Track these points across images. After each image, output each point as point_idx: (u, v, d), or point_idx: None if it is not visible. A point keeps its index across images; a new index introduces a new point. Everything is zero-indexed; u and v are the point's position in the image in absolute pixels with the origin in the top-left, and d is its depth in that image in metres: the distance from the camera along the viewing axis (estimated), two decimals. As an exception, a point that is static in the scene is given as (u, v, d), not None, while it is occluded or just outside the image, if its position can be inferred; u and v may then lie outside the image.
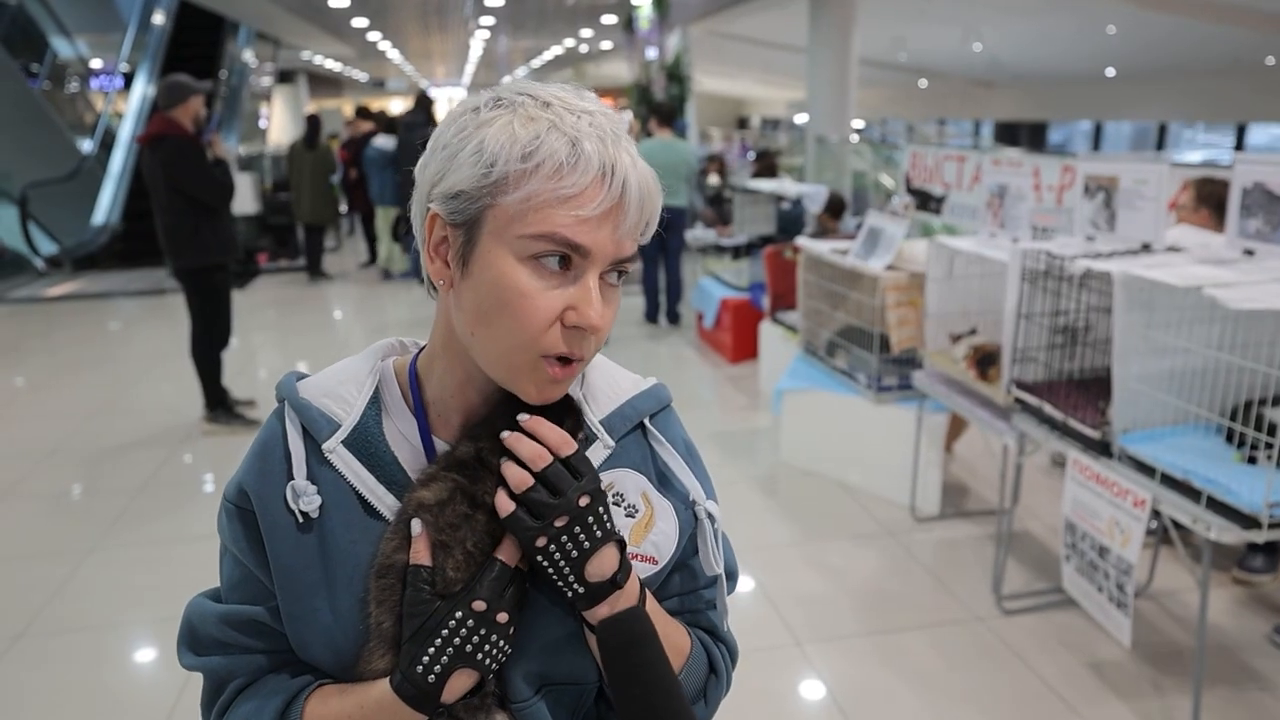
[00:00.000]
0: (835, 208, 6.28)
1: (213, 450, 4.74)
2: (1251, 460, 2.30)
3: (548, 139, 0.75)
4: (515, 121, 0.77)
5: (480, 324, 0.80)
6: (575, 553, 0.80)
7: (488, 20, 14.70)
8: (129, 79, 11.47)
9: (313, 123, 9.67)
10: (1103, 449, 2.57)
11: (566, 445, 0.81)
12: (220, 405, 4.97)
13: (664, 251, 7.16)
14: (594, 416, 0.92)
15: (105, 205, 10.33)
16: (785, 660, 2.92)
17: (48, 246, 9.86)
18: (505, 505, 0.79)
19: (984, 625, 3.07)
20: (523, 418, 0.82)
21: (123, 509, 4.02)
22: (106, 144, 10.95)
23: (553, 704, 0.88)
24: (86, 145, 10.77)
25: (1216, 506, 2.22)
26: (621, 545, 0.83)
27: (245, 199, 9.58)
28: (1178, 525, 2.88)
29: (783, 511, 4.04)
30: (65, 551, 3.64)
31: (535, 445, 0.80)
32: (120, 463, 4.58)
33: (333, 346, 6.97)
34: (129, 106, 11.16)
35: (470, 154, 0.77)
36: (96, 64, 13.59)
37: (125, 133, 10.86)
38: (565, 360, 0.80)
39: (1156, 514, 2.43)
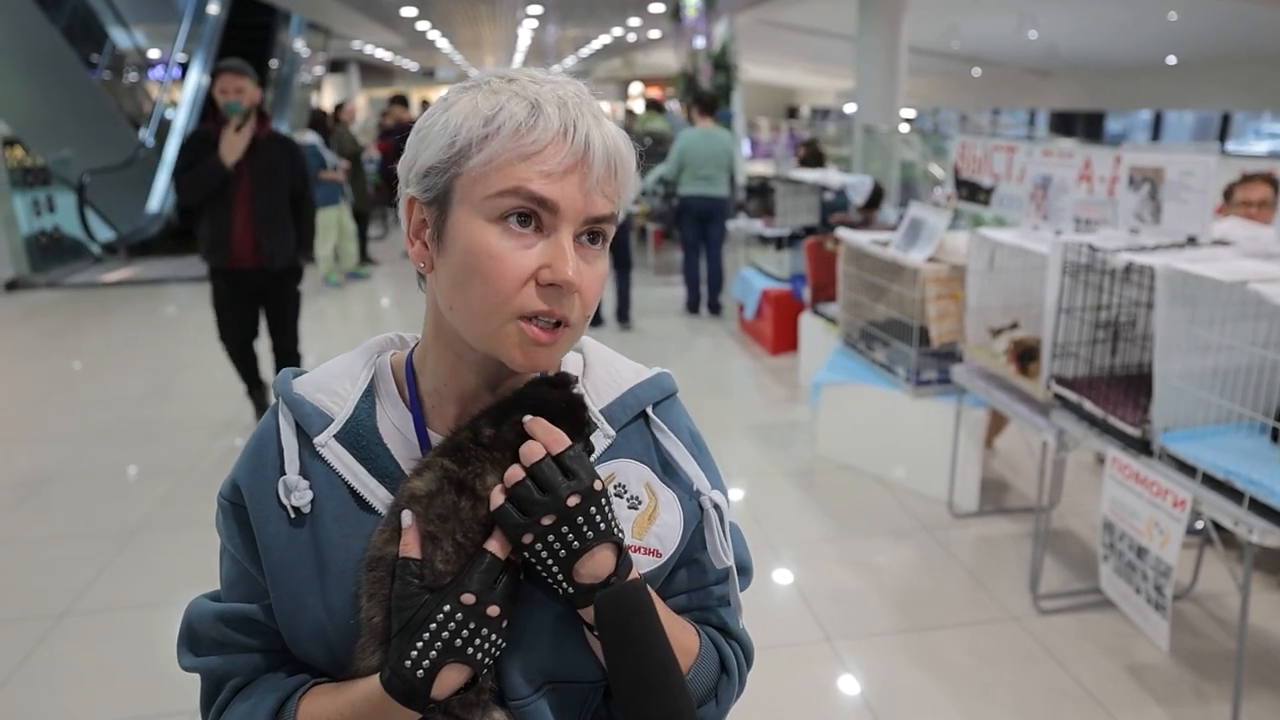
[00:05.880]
0: (873, 198, 6.20)
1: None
2: (1297, 462, 2.23)
3: (508, 105, 0.77)
4: (479, 96, 0.79)
5: (457, 293, 0.80)
6: (564, 552, 0.77)
7: (535, 9, 14.72)
8: (185, 69, 11.71)
9: (336, 113, 9.76)
10: (1143, 447, 2.51)
11: (558, 443, 0.79)
12: (258, 388, 4.97)
13: (705, 241, 7.13)
14: (594, 406, 0.91)
15: (160, 193, 10.55)
16: (815, 657, 2.88)
17: (104, 233, 10.08)
18: (496, 499, 0.78)
19: (1019, 625, 3.02)
20: (525, 418, 0.80)
21: (169, 490, 4.11)
22: (162, 133, 11.17)
23: (556, 703, 0.86)
24: (143, 134, 11.00)
25: (1259, 508, 2.15)
26: (619, 547, 0.80)
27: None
28: (1219, 527, 2.81)
29: (818, 506, 4.01)
30: (111, 531, 3.73)
31: (531, 442, 0.79)
32: (169, 445, 4.69)
33: (378, 332, 7.03)
34: (183, 96, 11.38)
35: (438, 132, 0.78)
36: (154, 54, 13.89)
37: (180, 121, 11.08)
38: (548, 322, 0.79)
39: (1200, 514, 2.37)
